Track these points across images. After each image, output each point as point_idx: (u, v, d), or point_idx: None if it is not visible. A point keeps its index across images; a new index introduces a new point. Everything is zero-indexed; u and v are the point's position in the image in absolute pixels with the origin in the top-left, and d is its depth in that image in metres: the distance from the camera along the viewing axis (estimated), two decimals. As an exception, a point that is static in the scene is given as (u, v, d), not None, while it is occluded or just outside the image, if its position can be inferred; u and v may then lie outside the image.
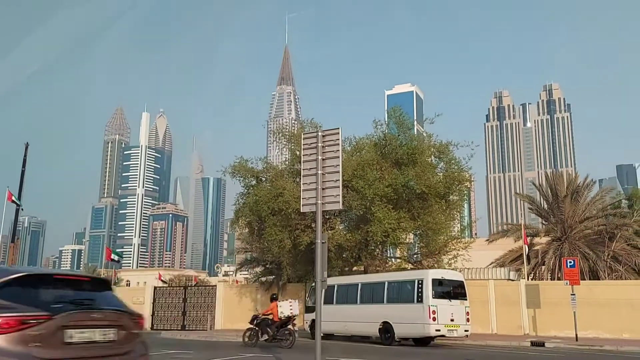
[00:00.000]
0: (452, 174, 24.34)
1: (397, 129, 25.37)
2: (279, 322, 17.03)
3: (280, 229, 23.35)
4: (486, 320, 22.76)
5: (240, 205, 26.35)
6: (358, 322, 19.92)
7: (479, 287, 23.05)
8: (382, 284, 19.66)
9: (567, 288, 20.06)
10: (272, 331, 16.92)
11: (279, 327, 17.00)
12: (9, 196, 41.74)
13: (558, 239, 29.25)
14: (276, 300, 17.76)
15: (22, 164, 46.30)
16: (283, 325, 17.03)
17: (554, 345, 18.18)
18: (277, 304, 17.41)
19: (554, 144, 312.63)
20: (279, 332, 16.91)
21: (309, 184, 10.58)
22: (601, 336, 20.46)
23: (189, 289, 31.51)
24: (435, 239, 23.99)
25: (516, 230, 31.39)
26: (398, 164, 23.99)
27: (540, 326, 22.03)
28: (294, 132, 28.05)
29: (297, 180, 23.18)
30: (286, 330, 16.92)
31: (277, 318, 17.06)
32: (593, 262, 27.26)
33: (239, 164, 26.35)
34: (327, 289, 18.46)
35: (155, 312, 30.21)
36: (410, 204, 23.84)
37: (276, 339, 16.89)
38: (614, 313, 20.94)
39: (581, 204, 29.80)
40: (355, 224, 24.58)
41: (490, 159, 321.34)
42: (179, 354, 14.84)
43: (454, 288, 18.64)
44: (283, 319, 17.04)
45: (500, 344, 19.00)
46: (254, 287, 29.15)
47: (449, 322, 17.72)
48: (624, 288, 22.34)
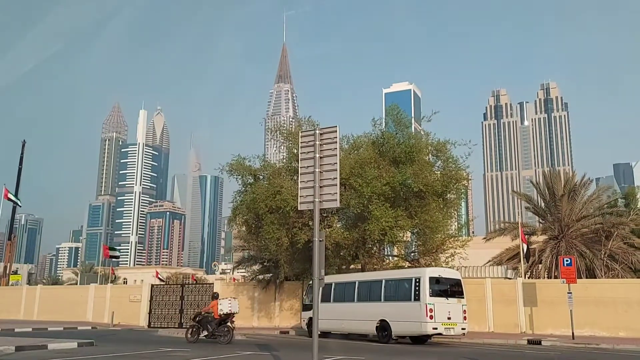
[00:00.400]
0: (450, 172, 24.36)
1: (395, 127, 25.39)
2: (218, 319, 17.65)
3: (278, 226, 23.34)
4: (483, 319, 22.82)
5: (237, 203, 26.33)
6: (355, 320, 19.94)
7: (476, 286, 23.10)
8: (380, 282, 19.69)
9: (563, 286, 20.12)
10: (211, 327, 17.61)
11: (219, 324, 17.62)
12: (5, 193, 41.78)
13: (555, 238, 29.33)
14: (217, 299, 18.35)
15: (19, 161, 46.42)
16: (222, 322, 17.63)
17: (551, 344, 18.24)
18: (217, 302, 17.98)
19: (551, 143, 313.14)
20: (218, 329, 17.57)
21: (307, 182, 10.58)
22: (598, 334, 20.53)
23: (186, 287, 31.47)
24: (432, 237, 24.04)
25: (513, 228, 31.45)
26: (396, 162, 24.00)
27: (537, 324, 22.08)
28: (292, 130, 28.02)
29: (294, 178, 23.18)
30: (225, 328, 17.54)
31: (217, 315, 17.68)
32: (590, 260, 27.35)
33: (236, 162, 26.32)
34: (324, 287, 18.53)
35: (153, 310, 30.18)
36: (408, 202, 23.86)
37: (215, 335, 17.56)
38: (610, 311, 21.00)
39: (578, 202, 29.88)
40: (352, 222, 24.59)
41: (488, 157, 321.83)
42: (176, 352, 14.84)
43: (451, 286, 18.67)
44: (222, 316, 17.64)
45: (497, 342, 19.05)
46: (252, 285, 29.16)
47: (446, 320, 17.75)
48: (620, 286, 22.40)
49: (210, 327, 17.67)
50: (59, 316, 33.01)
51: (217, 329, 17.56)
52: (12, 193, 42.77)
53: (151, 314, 30.13)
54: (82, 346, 16.11)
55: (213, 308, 17.89)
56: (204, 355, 14.10)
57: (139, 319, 30.46)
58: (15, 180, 45.50)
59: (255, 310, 28.48)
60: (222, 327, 17.54)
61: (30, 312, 35.37)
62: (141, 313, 30.57)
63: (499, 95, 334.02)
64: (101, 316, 31.97)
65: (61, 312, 33.48)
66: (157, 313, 30.07)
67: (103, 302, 32.51)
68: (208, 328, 17.70)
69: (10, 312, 35.83)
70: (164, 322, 29.48)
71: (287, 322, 27.14)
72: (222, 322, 17.63)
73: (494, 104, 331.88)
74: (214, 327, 17.61)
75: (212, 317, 17.75)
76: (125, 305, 31.31)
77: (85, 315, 32.97)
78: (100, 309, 32.45)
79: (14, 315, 35.49)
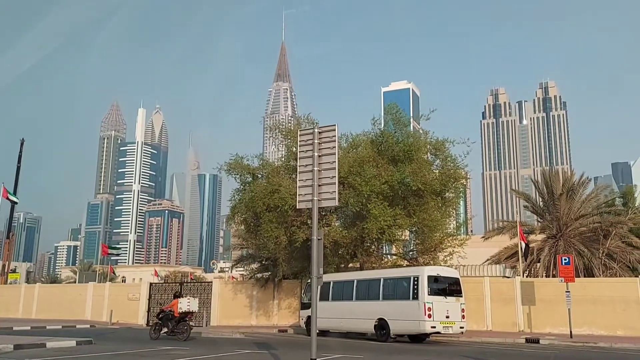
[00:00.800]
0: (448, 171, 24.39)
1: (394, 126, 25.39)
2: (178, 317, 18.45)
3: (276, 225, 23.33)
4: (481, 317, 22.84)
5: (236, 201, 26.31)
6: (353, 319, 19.95)
7: (475, 284, 23.12)
8: (378, 281, 19.70)
9: (561, 285, 20.15)
10: (171, 325, 18.48)
11: (178, 321, 18.42)
12: (4, 193, 41.73)
13: (553, 237, 29.35)
14: (178, 298, 19.26)
15: (18, 160, 46.35)
16: (182, 320, 18.41)
17: (549, 342, 18.27)
18: (178, 300, 18.79)
19: (549, 142, 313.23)
20: (178, 327, 18.36)
21: (305, 180, 10.59)
22: (595, 333, 20.56)
23: (184, 285, 31.49)
24: (431, 236, 24.05)
25: (512, 227, 31.44)
26: (394, 161, 24.01)
27: (535, 323, 22.12)
28: (290, 128, 28.04)
29: (293, 176, 23.17)
30: (184, 326, 18.30)
31: (177, 313, 18.48)
32: (588, 259, 27.37)
33: (234, 161, 26.31)
34: (322, 285, 18.54)
35: (151, 308, 30.16)
36: (406, 201, 23.88)
37: (174, 332, 18.34)
38: (608, 310, 21.05)
39: (576, 201, 29.89)
40: (351, 221, 24.60)
41: (486, 156, 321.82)
42: (175, 350, 14.83)
43: (449, 285, 18.69)
44: (182, 314, 18.44)
45: (495, 341, 19.08)
46: (250, 283, 29.17)
47: (445, 319, 17.78)
48: (618, 285, 22.43)
49: (170, 324, 18.48)
50: (58, 314, 32.96)
51: (177, 326, 18.34)
52: (10, 192, 42.73)
53: (150, 313, 30.10)
54: (81, 345, 16.11)
55: (174, 306, 18.65)
56: (202, 354, 14.11)
57: (138, 318, 30.45)
58: (14, 178, 45.42)
59: (253, 308, 28.49)
60: (181, 325, 18.31)
61: (28, 310, 35.33)
62: (140, 311, 30.56)
63: (497, 94, 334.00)
64: (100, 314, 31.95)
65: (60, 310, 33.43)
66: (155, 311, 29.96)
67: (102, 300, 32.49)
68: (168, 325, 18.52)
69: (9, 310, 35.79)
70: (163, 320, 29.45)
71: (285, 321, 27.15)
72: (182, 319, 18.40)
73: (493, 103, 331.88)
74: (173, 325, 18.40)
75: (172, 315, 18.55)
76: (124, 303, 31.29)
77: (84, 313, 32.93)
78: (98, 307, 32.42)
79: (13, 313, 35.45)
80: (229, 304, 28.96)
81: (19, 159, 46.64)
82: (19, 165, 46.63)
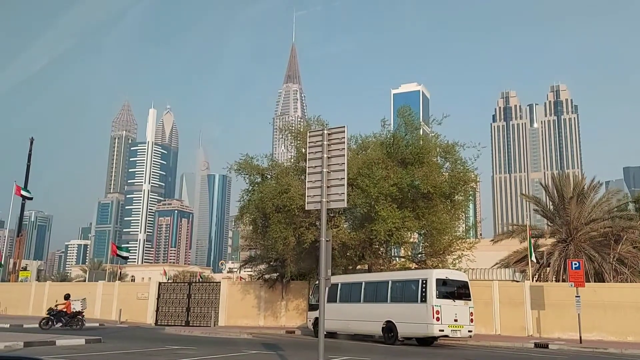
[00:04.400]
0: (458, 174, 24.28)
1: (406, 128, 25.34)
2: (71, 314, 23.18)
3: (285, 226, 23.35)
4: (490, 321, 22.72)
5: (244, 202, 26.38)
6: (361, 321, 19.91)
7: (483, 288, 23.00)
8: (386, 283, 19.65)
9: (571, 290, 19.98)
10: (65, 320, 22.97)
11: (71, 317, 23.10)
12: (17, 190, 42.14)
13: (563, 241, 29.11)
14: (69, 300, 23.65)
15: (28, 158, 46.75)
16: (75, 316, 23.17)
17: (558, 347, 18.13)
18: (70, 302, 23.46)
19: (560, 145, 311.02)
20: (72, 321, 22.98)
21: (314, 181, 10.59)
22: (605, 339, 20.37)
23: (193, 285, 31.60)
24: (439, 239, 23.94)
25: (521, 231, 31.23)
26: (404, 164, 23.96)
27: (544, 328, 21.96)
28: (300, 129, 28.06)
29: (302, 177, 23.19)
30: (78, 321, 23.15)
31: (70, 312, 23.22)
32: (598, 264, 27.11)
33: (244, 161, 26.40)
34: (330, 287, 18.53)
35: (160, 307, 30.33)
36: (415, 204, 23.81)
37: (68, 325, 22.81)
38: (618, 316, 20.85)
39: (587, 205, 29.62)
40: (359, 223, 24.57)
41: (497, 159, 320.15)
42: (183, 350, 14.90)
43: (458, 288, 18.62)
44: (74, 313, 23.20)
45: (503, 345, 18.97)
46: (258, 284, 29.21)
47: (453, 322, 17.70)
48: (629, 291, 22.21)
49: (64, 319, 22.94)
50: (67, 312, 33.17)
51: (71, 321, 22.96)
52: (24, 188, 43.19)
53: (158, 312, 30.29)
54: (90, 343, 16.24)
55: (67, 307, 23.24)
56: (209, 354, 14.15)
57: (146, 317, 30.61)
58: (24, 176, 45.85)
59: (261, 309, 28.54)
60: (75, 320, 23.07)
61: (39, 308, 35.51)
62: (148, 310, 30.72)
63: (508, 97, 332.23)
64: (109, 313, 32.15)
65: (69, 308, 33.64)
66: (164, 311, 30.21)
67: (111, 299, 32.70)
68: (62, 320, 22.93)
69: (19, 307, 36.11)
70: (171, 319, 29.62)
71: (293, 322, 27.16)
72: (74, 316, 23.11)
73: (503, 106, 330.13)
74: (67, 320, 22.94)
75: (65, 313, 23.11)
76: (133, 302, 31.48)
77: (93, 312, 33.14)
78: (108, 306, 32.63)
79: (23, 311, 35.77)
80: (236, 304, 29.03)
81: (28, 158, 47.05)
82: (29, 163, 47.04)
